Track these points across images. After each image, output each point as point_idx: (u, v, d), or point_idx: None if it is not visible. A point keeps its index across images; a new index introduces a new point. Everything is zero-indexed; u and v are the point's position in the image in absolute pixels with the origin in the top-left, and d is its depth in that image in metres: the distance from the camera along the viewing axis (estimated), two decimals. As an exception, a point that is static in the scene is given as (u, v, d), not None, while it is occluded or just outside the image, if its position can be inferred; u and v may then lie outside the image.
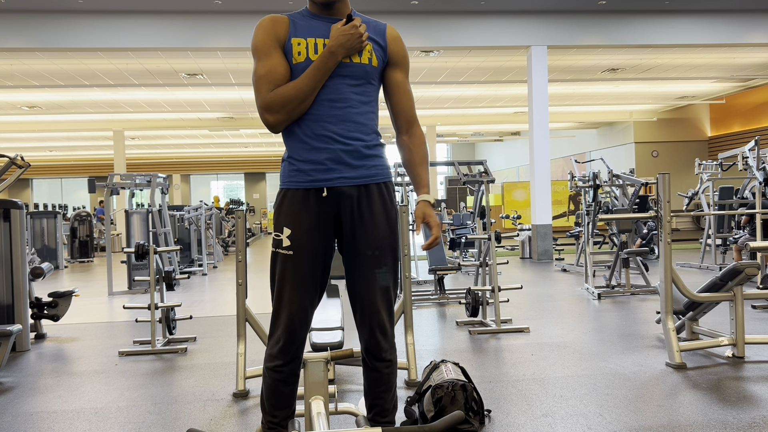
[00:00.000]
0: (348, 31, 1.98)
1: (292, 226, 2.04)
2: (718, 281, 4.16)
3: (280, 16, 2.07)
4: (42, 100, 15.13)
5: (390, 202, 2.12)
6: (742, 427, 2.88)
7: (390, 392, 2.18)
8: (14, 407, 3.51)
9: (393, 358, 2.16)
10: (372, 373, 2.16)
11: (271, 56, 2.01)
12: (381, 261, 2.08)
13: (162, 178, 9.50)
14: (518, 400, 3.36)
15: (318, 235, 2.06)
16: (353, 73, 2.04)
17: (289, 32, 2.03)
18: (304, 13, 2.10)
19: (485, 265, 5.84)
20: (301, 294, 2.05)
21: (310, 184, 2.03)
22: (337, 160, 2.02)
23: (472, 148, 31.21)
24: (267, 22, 2.04)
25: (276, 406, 2.14)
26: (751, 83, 16.23)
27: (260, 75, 2.01)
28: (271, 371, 2.11)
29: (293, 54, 2.02)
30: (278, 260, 2.07)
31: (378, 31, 2.10)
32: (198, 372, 4.17)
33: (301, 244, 2.04)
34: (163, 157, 28.39)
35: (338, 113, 2.02)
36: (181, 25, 10.64)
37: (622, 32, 11.43)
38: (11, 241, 4.97)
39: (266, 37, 2.02)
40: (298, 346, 2.10)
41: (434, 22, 11.04)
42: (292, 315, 2.06)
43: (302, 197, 2.05)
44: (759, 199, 7.18)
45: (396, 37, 2.13)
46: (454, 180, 25.14)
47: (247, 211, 26.92)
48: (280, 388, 2.12)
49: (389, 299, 2.13)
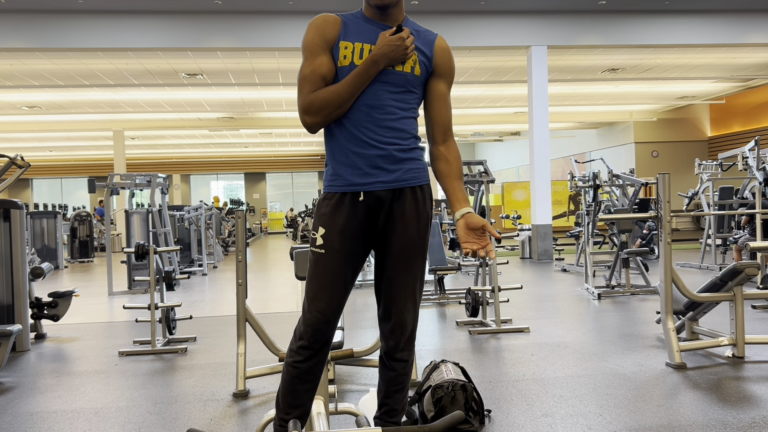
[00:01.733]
0: (394, 42, 1.98)
1: (327, 227, 2.07)
2: (718, 281, 4.16)
3: (333, 16, 2.07)
4: (42, 100, 15.13)
5: (423, 206, 2.12)
6: (742, 427, 2.88)
7: (402, 393, 2.20)
8: (14, 407, 3.51)
9: (410, 359, 2.18)
10: (387, 372, 2.18)
11: (317, 57, 2.02)
12: (408, 263, 2.10)
13: (162, 178, 9.50)
14: (518, 400, 3.36)
15: (351, 237, 2.08)
16: (394, 81, 2.05)
17: (339, 34, 2.04)
18: (358, 15, 2.10)
19: (485, 265, 5.85)
20: (329, 292, 2.07)
21: (347, 188, 2.06)
22: (374, 165, 2.04)
23: (472, 148, 31.21)
24: (320, 22, 2.05)
25: (290, 404, 2.13)
26: (751, 83, 16.23)
27: (304, 75, 2.03)
28: (289, 366, 2.11)
29: (339, 56, 2.03)
30: (311, 258, 2.12)
31: (427, 41, 2.10)
32: (198, 372, 4.17)
33: (333, 244, 2.07)
34: (163, 157, 28.39)
35: (375, 119, 2.04)
36: (181, 25, 10.64)
37: (622, 32, 11.43)
38: (11, 241, 4.97)
39: (316, 37, 2.03)
40: (321, 345, 2.10)
41: (434, 22, 11.04)
42: (319, 312, 2.08)
43: (339, 200, 2.08)
44: (759, 199, 7.18)
45: (444, 49, 2.12)
46: (454, 180, 25.09)
47: (247, 211, 26.93)
48: (296, 386, 2.11)
49: (416, 301, 2.16)
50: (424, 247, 2.13)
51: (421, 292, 2.17)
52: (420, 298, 2.18)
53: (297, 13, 10.66)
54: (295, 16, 10.67)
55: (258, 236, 24.21)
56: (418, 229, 2.11)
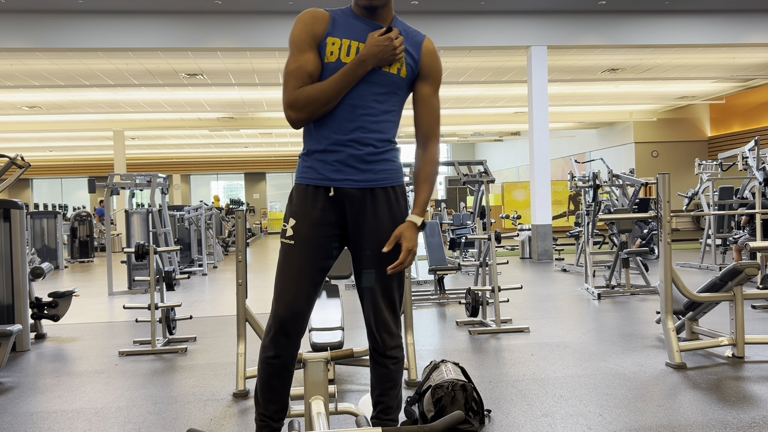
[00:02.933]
0: (383, 43, 1.98)
1: (298, 218, 2.09)
2: (718, 281, 4.16)
3: (322, 11, 2.06)
4: (42, 100, 15.13)
5: (397, 205, 2.12)
6: (742, 427, 2.88)
7: (395, 389, 2.20)
8: (14, 407, 3.51)
9: (399, 356, 2.19)
10: (378, 369, 2.19)
11: (304, 53, 2.02)
12: (384, 263, 2.09)
13: (162, 178, 9.50)
14: (518, 400, 3.36)
15: (321, 230, 2.09)
16: (380, 82, 2.04)
17: (327, 30, 2.03)
18: (347, 12, 2.09)
19: (485, 265, 5.84)
20: (297, 284, 2.08)
21: (319, 182, 2.07)
22: (346, 163, 2.05)
23: (472, 148, 31.21)
24: (308, 17, 2.04)
25: (267, 399, 2.18)
26: (751, 83, 16.23)
27: (290, 70, 2.03)
28: (263, 362, 2.15)
29: (326, 53, 2.02)
30: (281, 250, 2.14)
31: (414, 43, 2.09)
32: (198, 372, 4.17)
33: (303, 236, 2.08)
34: (163, 157, 28.38)
35: (357, 118, 2.04)
36: (181, 25, 10.64)
37: (622, 32, 11.43)
38: (11, 241, 4.97)
39: (303, 33, 2.03)
40: (290, 340, 2.12)
41: (434, 22, 11.04)
42: (287, 304, 2.09)
43: (312, 193, 2.09)
44: (759, 199, 7.18)
45: (431, 51, 2.11)
46: (454, 180, 25.15)
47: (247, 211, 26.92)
48: (271, 381, 2.16)
49: (392, 299, 2.15)
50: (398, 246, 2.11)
51: (401, 290, 2.17)
52: (400, 296, 2.17)
53: (297, 13, 10.62)
54: (295, 16, 10.66)
55: (258, 236, 24.22)
56: (390, 230, 2.09)
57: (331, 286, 4.96)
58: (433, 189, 2.15)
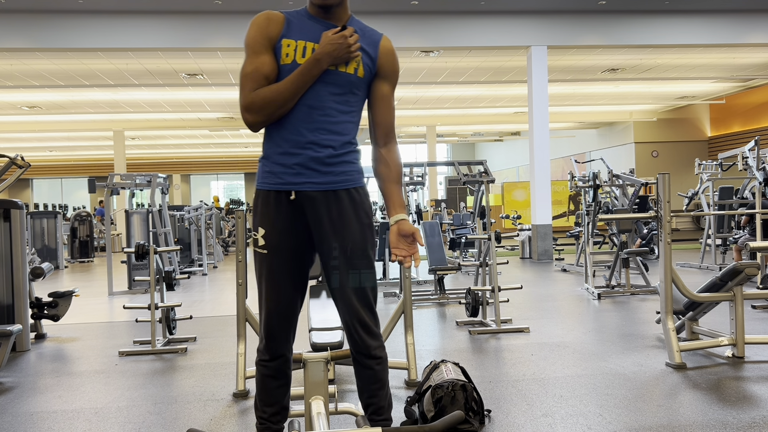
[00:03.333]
0: (337, 41, 1.96)
1: (266, 226, 2.09)
2: (718, 281, 4.16)
3: (276, 13, 2.05)
4: (42, 100, 15.13)
5: (361, 206, 2.10)
6: (742, 427, 2.88)
7: (383, 389, 2.19)
8: (14, 407, 3.51)
9: (383, 356, 2.17)
10: (364, 371, 2.16)
11: (260, 55, 2.01)
12: (354, 263, 2.08)
13: (162, 178, 9.50)
14: (518, 400, 3.36)
15: (291, 235, 2.09)
16: (337, 82, 2.03)
17: (282, 32, 2.02)
18: (302, 13, 2.08)
19: (485, 265, 5.84)
20: (278, 291, 2.10)
21: (280, 186, 2.06)
22: (305, 165, 2.03)
23: (472, 148, 31.21)
24: (262, 20, 2.03)
25: (265, 402, 2.20)
26: (751, 83, 16.23)
27: (245, 73, 2.03)
28: (259, 366, 2.19)
29: (282, 55, 2.01)
30: (256, 259, 2.14)
31: (371, 42, 2.08)
32: (198, 372, 4.17)
33: (274, 243, 2.08)
34: (163, 157, 28.38)
35: (315, 120, 2.02)
36: (181, 25, 10.64)
37: (622, 32, 11.43)
38: (11, 241, 4.97)
39: (258, 35, 2.02)
40: (281, 344, 2.14)
41: (434, 22, 11.04)
42: (271, 312, 2.12)
43: (275, 198, 2.08)
44: (759, 199, 7.18)
45: (389, 50, 2.10)
46: (454, 180, 25.14)
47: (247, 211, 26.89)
48: (267, 384, 2.18)
49: (367, 299, 2.13)
50: (365, 246, 2.10)
51: (375, 289, 2.15)
52: (374, 295, 2.15)
53: (297, 13, 10.66)
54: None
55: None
56: (357, 230, 2.09)
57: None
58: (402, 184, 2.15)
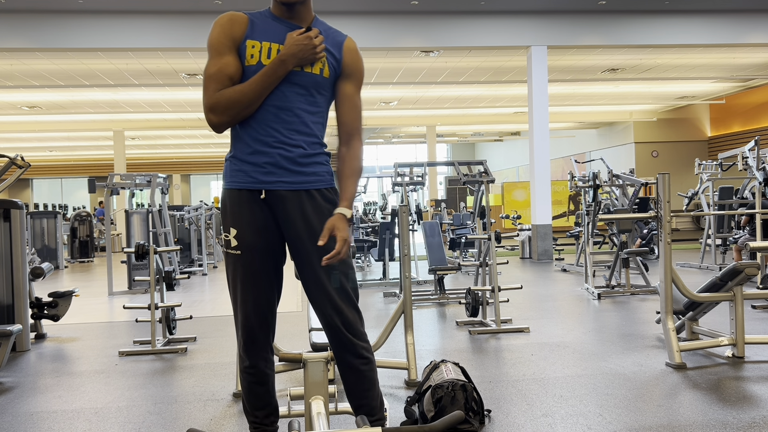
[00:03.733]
0: (302, 42, 1.96)
1: (238, 226, 2.06)
2: (718, 281, 4.16)
3: (240, 14, 2.04)
4: (42, 100, 15.13)
5: (334, 205, 2.08)
6: (742, 427, 2.88)
7: (374, 389, 2.16)
8: (14, 407, 3.51)
9: (370, 356, 2.14)
10: (351, 374, 2.12)
11: (224, 56, 2.00)
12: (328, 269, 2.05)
13: (162, 178, 9.50)
14: (518, 400, 3.36)
15: (264, 234, 2.08)
16: (302, 82, 2.03)
17: (246, 33, 2.02)
18: (265, 14, 2.07)
19: (485, 265, 5.84)
20: (254, 293, 2.08)
21: (250, 185, 2.05)
22: (277, 164, 2.03)
23: (472, 148, 31.21)
24: (225, 21, 2.02)
25: (255, 406, 2.20)
26: (751, 83, 16.23)
27: (209, 74, 2.02)
28: (242, 372, 2.19)
29: (246, 56, 2.00)
30: (229, 261, 2.11)
31: (336, 42, 2.09)
32: (198, 372, 4.17)
33: (248, 243, 2.06)
34: (163, 157, 28.38)
35: (283, 121, 2.02)
36: (181, 25, 10.64)
37: (622, 32, 11.43)
38: (11, 241, 4.97)
39: (222, 36, 2.01)
40: (261, 346, 2.14)
41: (434, 22, 11.04)
42: (248, 314, 2.09)
43: (246, 197, 2.06)
44: (759, 199, 7.18)
45: (352, 50, 2.11)
46: (454, 180, 25.14)
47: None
48: (254, 389, 2.19)
49: (350, 297, 2.10)
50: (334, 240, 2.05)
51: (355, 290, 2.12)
52: (355, 293, 2.12)
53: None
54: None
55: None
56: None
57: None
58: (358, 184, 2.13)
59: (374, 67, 12.67)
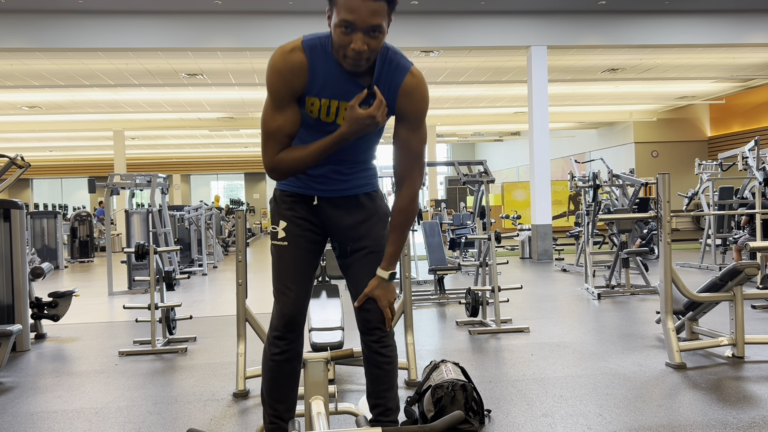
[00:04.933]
0: (364, 121, 1.90)
1: (288, 220, 2.17)
2: (718, 281, 4.16)
3: (300, 58, 1.92)
4: (42, 100, 15.13)
5: (378, 202, 2.20)
6: (742, 427, 2.88)
7: (392, 391, 2.20)
8: (14, 407, 3.51)
9: (394, 355, 2.20)
10: (373, 370, 2.19)
11: (284, 111, 1.97)
12: (370, 256, 2.15)
13: (162, 178, 9.50)
14: (518, 400, 3.36)
15: (310, 230, 2.18)
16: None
17: (306, 87, 1.95)
18: (326, 48, 1.93)
19: (485, 265, 5.84)
20: (296, 283, 2.16)
21: (303, 191, 2.16)
22: (328, 176, 2.12)
23: (472, 148, 31.21)
24: (286, 69, 1.92)
25: (275, 398, 2.21)
26: (751, 83, 16.23)
27: (269, 131, 1.98)
28: (270, 361, 2.19)
29: (306, 107, 1.99)
30: (275, 253, 2.20)
31: (393, 86, 1.97)
32: (198, 372, 4.17)
33: (295, 236, 2.16)
34: (163, 157, 28.39)
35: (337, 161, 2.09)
36: (181, 25, 10.64)
37: (622, 32, 11.43)
38: (11, 241, 4.97)
39: (282, 87, 1.94)
40: (297, 335, 2.19)
41: (434, 22, 11.04)
42: (291, 303, 2.15)
43: (297, 198, 2.18)
44: (759, 199, 7.18)
45: (409, 92, 1.97)
46: (454, 180, 25.14)
47: (247, 211, 26.91)
48: (278, 379, 2.19)
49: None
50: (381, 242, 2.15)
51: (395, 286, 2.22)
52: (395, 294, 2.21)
53: (297, 13, 10.66)
54: (295, 16, 10.66)
55: (258, 236, 24.21)
56: (380, 225, 2.17)
57: (331, 286, 4.96)
58: (405, 237, 2.12)
59: (374, 67, 12.64)
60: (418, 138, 2.04)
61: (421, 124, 2.04)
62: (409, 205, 2.07)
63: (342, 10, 1.80)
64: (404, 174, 2.06)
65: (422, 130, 2.05)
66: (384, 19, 1.82)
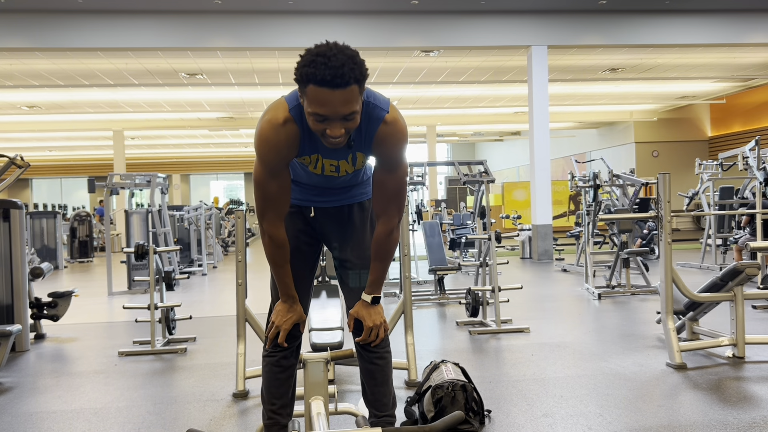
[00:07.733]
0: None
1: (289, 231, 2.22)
2: (719, 281, 4.15)
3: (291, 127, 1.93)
4: (42, 100, 15.12)
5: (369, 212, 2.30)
6: (742, 427, 2.88)
7: (387, 385, 2.26)
8: (14, 407, 3.51)
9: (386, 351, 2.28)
10: (368, 366, 2.26)
11: (279, 176, 2.01)
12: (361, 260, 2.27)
13: (162, 178, 9.50)
14: (518, 400, 3.35)
15: (309, 238, 2.33)
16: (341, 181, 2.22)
17: (298, 152, 2.01)
18: None
19: (485, 265, 5.84)
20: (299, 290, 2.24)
21: (301, 203, 2.28)
22: (323, 193, 2.26)
23: (472, 148, 31.19)
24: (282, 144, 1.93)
25: (273, 395, 2.27)
26: (752, 83, 16.22)
27: (267, 196, 2.03)
28: (269, 358, 2.27)
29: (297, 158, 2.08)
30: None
31: (368, 136, 1.98)
32: (198, 372, 4.16)
33: (296, 245, 2.24)
34: (163, 157, 28.37)
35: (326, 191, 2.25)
36: (181, 25, 10.63)
37: (622, 32, 11.42)
38: (11, 241, 4.97)
39: (275, 159, 1.96)
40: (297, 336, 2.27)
41: (434, 22, 11.03)
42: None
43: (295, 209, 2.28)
44: (759, 199, 7.17)
45: (382, 140, 1.98)
46: (454, 180, 25.13)
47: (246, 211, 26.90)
48: (276, 376, 2.26)
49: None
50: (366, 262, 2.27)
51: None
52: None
53: (297, 13, 10.65)
54: (295, 16, 10.66)
55: (258, 236, 24.22)
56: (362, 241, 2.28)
57: (331, 286, 4.95)
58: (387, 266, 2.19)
59: (374, 67, 12.66)
60: (395, 179, 2.06)
61: (398, 166, 2.05)
62: (386, 239, 2.13)
63: (313, 103, 1.76)
64: (380, 211, 2.12)
65: (399, 171, 2.05)
66: (357, 101, 1.79)
